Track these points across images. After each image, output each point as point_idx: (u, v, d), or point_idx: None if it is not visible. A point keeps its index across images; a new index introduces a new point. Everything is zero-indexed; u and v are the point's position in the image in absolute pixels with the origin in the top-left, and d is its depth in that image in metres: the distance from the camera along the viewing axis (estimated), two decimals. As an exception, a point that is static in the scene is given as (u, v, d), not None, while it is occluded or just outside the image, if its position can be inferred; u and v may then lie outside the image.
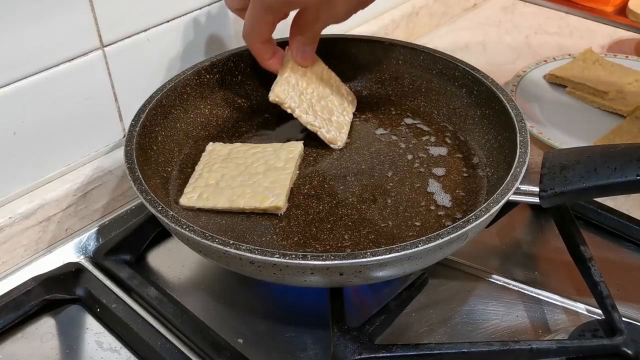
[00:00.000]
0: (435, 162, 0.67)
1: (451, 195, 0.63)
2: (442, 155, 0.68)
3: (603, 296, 0.57)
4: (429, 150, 0.69)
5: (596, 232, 0.69)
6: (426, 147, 0.69)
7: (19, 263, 0.65)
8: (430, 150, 0.69)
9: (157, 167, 0.64)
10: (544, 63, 0.94)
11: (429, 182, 0.64)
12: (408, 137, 0.71)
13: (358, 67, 0.77)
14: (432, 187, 0.64)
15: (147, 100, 0.66)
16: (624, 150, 0.56)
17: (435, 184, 0.64)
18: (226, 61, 0.73)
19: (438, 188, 0.64)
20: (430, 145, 0.69)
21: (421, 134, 0.71)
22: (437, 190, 0.63)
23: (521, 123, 0.62)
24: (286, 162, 0.65)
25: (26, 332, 0.60)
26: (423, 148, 0.69)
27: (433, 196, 0.63)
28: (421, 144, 0.70)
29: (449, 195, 0.63)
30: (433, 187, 0.64)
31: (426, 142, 0.70)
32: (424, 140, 0.70)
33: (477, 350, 0.53)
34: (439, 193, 0.63)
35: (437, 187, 0.64)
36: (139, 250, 0.67)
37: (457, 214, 0.61)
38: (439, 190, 0.63)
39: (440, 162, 0.67)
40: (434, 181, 0.65)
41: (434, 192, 0.63)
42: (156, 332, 0.58)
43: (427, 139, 0.70)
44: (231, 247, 0.50)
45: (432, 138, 0.70)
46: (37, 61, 0.62)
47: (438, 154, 0.68)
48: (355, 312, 0.59)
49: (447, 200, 0.62)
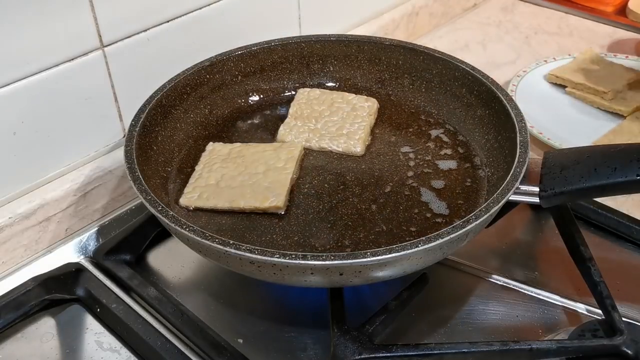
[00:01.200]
0: (435, 162, 0.67)
1: (451, 194, 0.63)
2: (443, 155, 0.68)
3: (603, 296, 0.57)
4: (430, 150, 0.69)
5: (596, 232, 0.69)
6: (426, 147, 0.69)
7: (19, 263, 0.65)
8: (431, 150, 0.69)
9: (157, 167, 0.64)
10: (544, 63, 0.94)
11: (430, 181, 0.65)
12: (408, 137, 0.71)
13: (358, 67, 0.77)
14: (435, 185, 0.64)
15: (147, 100, 0.66)
16: (624, 150, 0.56)
17: (437, 183, 0.64)
18: (226, 61, 0.73)
19: (439, 186, 0.64)
20: (430, 145, 0.69)
21: (421, 135, 0.71)
22: (437, 188, 0.63)
23: (521, 123, 0.62)
24: (286, 162, 0.65)
25: (26, 332, 0.60)
26: (423, 148, 0.69)
27: (432, 196, 0.63)
28: (421, 143, 0.70)
29: (449, 194, 0.63)
30: (436, 185, 0.64)
31: (426, 142, 0.70)
32: (424, 141, 0.70)
33: (477, 350, 0.53)
34: (434, 200, 0.63)
35: (439, 186, 0.64)
36: (139, 250, 0.67)
37: (455, 218, 0.61)
38: (439, 189, 0.63)
39: (441, 162, 0.67)
40: (435, 180, 0.65)
41: (435, 191, 0.63)
42: (156, 332, 0.58)
43: (427, 139, 0.70)
44: (231, 247, 0.50)
45: (432, 138, 0.70)
46: (37, 61, 0.62)
47: (438, 154, 0.68)
48: (355, 312, 0.59)
49: (445, 206, 0.62)
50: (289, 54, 0.76)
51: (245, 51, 0.74)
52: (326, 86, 0.77)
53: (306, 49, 0.77)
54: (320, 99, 0.73)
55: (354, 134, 0.69)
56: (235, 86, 0.75)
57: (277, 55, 0.76)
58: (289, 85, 0.77)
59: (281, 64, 0.77)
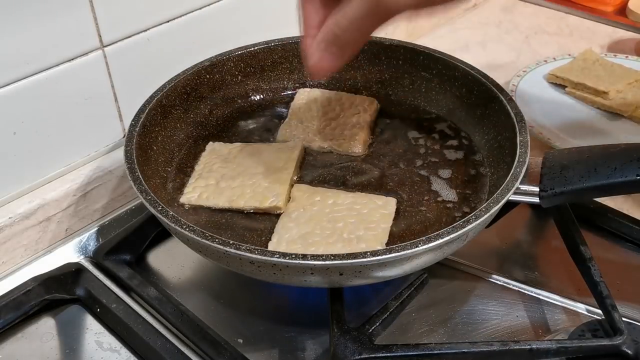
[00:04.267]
0: (436, 162, 0.67)
1: (455, 192, 0.63)
2: (443, 155, 0.68)
3: (603, 296, 0.57)
4: (430, 150, 0.69)
5: (596, 232, 0.69)
6: (426, 147, 0.69)
7: (19, 263, 0.65)
8: (431, 150, 0.69)
9: (157, 167, 0.64)
10: (544, 63, 0.94)
11: (431, 180, 0.64)
12: (407, 137, 0.71)
13: (358, 67, 0.77)
14: (435, 185, 0.64)
15: (147, 100, 0.66)
16: (624, 150, 0.56)
17: (438, 182, 0.64)
18: (226, 61, 0.73)
19: (440, 187, 0.64)
20: (430, 146, 0.69)
21: (421, 135, 0.71)
22: (440, 188, 0.64)
23: (521, 123, 0.62)
24: (286, 162, 0.65)
25: (26, 332, 0.60)
26: (423, 147, 0.69)
27: (437, 195, 0.63)
28: (420, 143, 0.70)
29: (454, 191, 0.63)
30: (435, 184, 0.64)
31: (425, 142, 0.70)
32: (423, 141, 0.70)
33: (477, 350, 0.53)
34: (437, 193, 0.63)
35: (439, 186, 0.64)
36: (139, 250, 0.67)
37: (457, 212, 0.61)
38: (442, 188, 0.64)
39: (442, 162, 0.67)
40: (436, 178, 0.65)
41: (438, 189, 0.63)
42: (156, 332, 0.58)
43: (426, 139, 0.70)
44: (231, 247, 0.50)
45: (432, 138, 0.70)
46: (37, 61, 0.62)
47: (439, 154, 0.68)
48: (355, 312, 0.59)
49: (453, 196, 0.62)
50: (289, 54, 0.76)
51: (245, 51, 0.74)
52: (326, 86, 0.77)
53: (306, 49, 0.77)
54: (320, 99, 0.73)
55: (354, 134, 0.69)
56: (235, 86, 0.75)
57: (277, 55, 0.76)
58: (289, 85, 0.77)
59: (281, 64, 0.77)
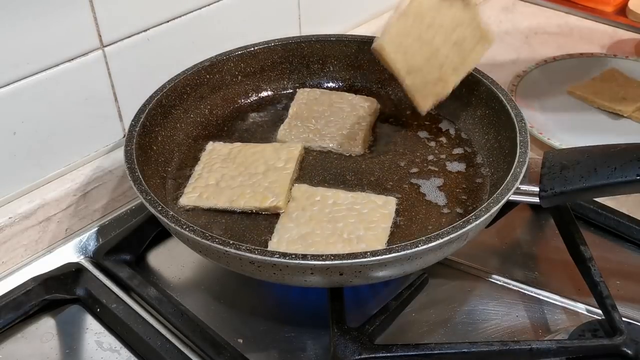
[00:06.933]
0: (436, 162, 0.67)
1: (450, 194, 0.63)
2: (443, 155, 0.68)
3: (603, 296, 0.57)
4: (430, 150, 0.69)
5: (596, 232, 0.69)
6: (426, 147, 0.69)
7: (19, 263, 0.65)
8: (432, 150, 0.69)
9: (157, 167, 0.64)
10: (544, 63, 0.94)
11: (431, 180, 0.64)
12: (408, 137, 0.71)
13: (358, 67, 0.77)
14: (435, 185, 0.64)
15: (147, 100, 0.66)
16: (624, 150, 0.56)
17: (438, 182, 0.64)
18: (226, 61, 0.73)
19: (440, 187, 0.64)
20: (430, 145, 0.69)
21: (421, 135, 0.71)
22: (440, 188, 0.64)
23: (521, 123, 0.62)
24: (286, 162, 0.65)
25: (26, 332, 0.60)
26: (423, 147, 0.69)
27: (437, 195, 0.63)
28: (421, 143, 0.70)
29: (454, 191, 0.63)
30: (435, 183, 0.64)
31: (425, 142, 0.70)
32: (423, 141, 0.70)
33: (477, 350, 0.53)
34: (437, 193, 0.63)
35: (439, 186, 0.64)
36: (139, 250, 0.67)
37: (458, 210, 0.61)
38: (442, 188, 0.63)
39: (442, 162, 0.67)
40: (436, 178, 0.65)
41: (438, 189, 0.63)
42: (156, 332, 0.58)
43: (426, 139, 0.70)
44: (231, 247, 0.50)
45: (432, 138, 0.70)
46: (37, 61, 0.62)
47: (439, 153, 0.68)
48: (355, 312, 0.59)
49: (453, 195, 0.62)
50: (289, 54, 0.76)
51: (245, 51, 0.74)
52: (326, 86, 0.77)
53: (306, 49, 0.77)
54: (320, 99, 0.73)
55: (354, 134, 0.69)
56: (235, 86, 0.75)
57: (277, 55, 0.76)
58: (289, 85, 0.77)
59: (281, 64, 0.77)
